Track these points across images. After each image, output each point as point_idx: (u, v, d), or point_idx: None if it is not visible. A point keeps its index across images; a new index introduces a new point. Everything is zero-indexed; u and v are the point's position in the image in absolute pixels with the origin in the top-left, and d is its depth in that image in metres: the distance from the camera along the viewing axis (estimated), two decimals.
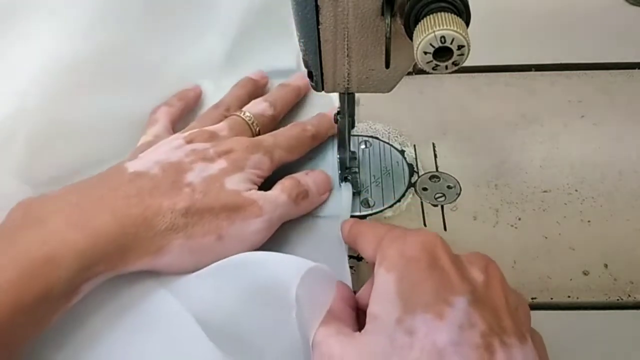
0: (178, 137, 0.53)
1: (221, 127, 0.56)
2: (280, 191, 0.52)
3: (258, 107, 0.60)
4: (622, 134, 0.64)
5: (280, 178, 0.54)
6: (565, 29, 0.78)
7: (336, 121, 0.55)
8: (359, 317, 0.42)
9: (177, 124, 0.63)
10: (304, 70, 0.62)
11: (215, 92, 0.67)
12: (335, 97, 0.62)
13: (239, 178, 0.50)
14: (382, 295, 0.38)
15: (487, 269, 0.40)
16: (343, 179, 0.57)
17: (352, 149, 0.57)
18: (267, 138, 0.55)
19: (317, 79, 0.49)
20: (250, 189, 0.50)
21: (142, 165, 0.50)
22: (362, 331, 0.38)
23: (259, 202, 0.49)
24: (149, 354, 0.44)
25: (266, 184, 0.53)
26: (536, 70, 0.72)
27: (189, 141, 0.53)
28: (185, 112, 0.65)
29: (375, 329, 0.37)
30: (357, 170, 0.58)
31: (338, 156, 0.57)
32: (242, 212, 0.48)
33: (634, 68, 0.71)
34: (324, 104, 0.64)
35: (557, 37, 0.76)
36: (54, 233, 0.42)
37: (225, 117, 0.59)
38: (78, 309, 0.44)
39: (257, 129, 0.58)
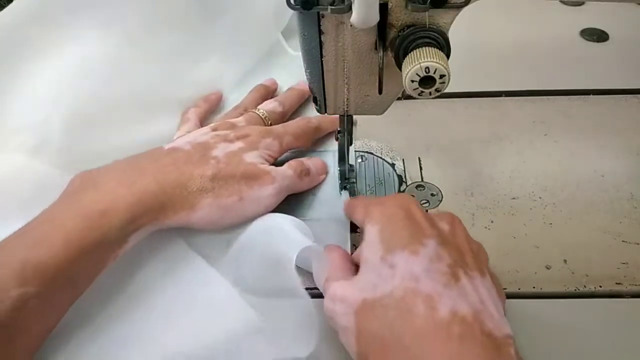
0: (205, 128, 0.57)
1: (240, 120, 0.59)
2: (287, 167, 0.55)
3: (269, 105, 0.64)
4: (579, 150, 0.64)
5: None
6: (531, 60, 0.78)
7: (337, 139, 0.55)
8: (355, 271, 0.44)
9: (204, 121, 0.66)
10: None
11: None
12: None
13: (255, 154, 0.53)
14: (369, 242, 0.42)
15: (452, 222, 0.44)
16: (343, 187, 0.57)
17: (350, 162, 0.57)
18: (277, 127, 0.59)
19: (321, 103, 0.49)
20: (263, 164, 0.53)
21: (176, 144, 0.53)
22: (357, 274, 0.42)
23: (271, 172, 0.52)
24: (192, 308, 0.47)
25: None
26: (506, 95, 0.72)
27: (214, 129, 0.56)
28: (210, 111, 0.68)
29: (365, 268, 0.41)
30: (354, 180, 0.58)
31: (338, 168, 0.57)
32: (258, 179, 0.51)
33: (589, 94, 0.71)
34: None
35: (525, 67, 0.76)
36: (107, 192, 0.46)
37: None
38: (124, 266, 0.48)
39: (269, 123, 0.62)
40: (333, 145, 0.61)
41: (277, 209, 0.53)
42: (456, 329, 0.36)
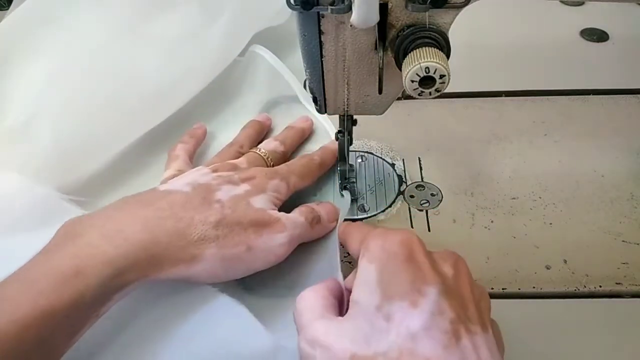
0: (204, 168, 0.51)
1: (241, 161, 0.54)
2: (299, 214, 0.49)
3: (270, 145, 0.59)
4: (578, 150, 0.64)
5: (293, 206, 0.52)
6: (531, 61, 0.78)
7: (337, 139, 0.55)
8: (342, 305, 0.41)
9: (193, 158, 0.61)
10: (306, 116, 0.64)
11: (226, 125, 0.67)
12: (332, 132, 0.62)
13: (263, 198, 0.48)
14: (363, 283, 0.37)
15: (456, 265, 0.39)
16: (343, 187, 0.57)
17: (350, 162, 0.57)
18: (282, 167, 0.54)
19: (321, 103, 0.49)
20: (272, 209, 0.48)
21: (173, 186, 0.47)
22: (345, 315, 0.37)
23: (282, 219, 0.47)
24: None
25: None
26: (506, 95, 0.72)
27: (214, 170, 0.50)
28: (197, 146, 0.62)
29: (357, 313, 0.37)
30: (354, 180, 0.58)
31: (339, 169, 0.57)
32: (268, 227, 0.46)
33: (589, 94, 0.71)
34: (325, 139, 0.63)
35: (524, 67, 0.77)
36: (86, 245, 0.40)
37: (240, 153, 0.58)
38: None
39: (271, 163, 0.57)
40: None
41: None
42: None
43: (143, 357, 0.41)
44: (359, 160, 0.64)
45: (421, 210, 0.58)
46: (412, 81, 0.37)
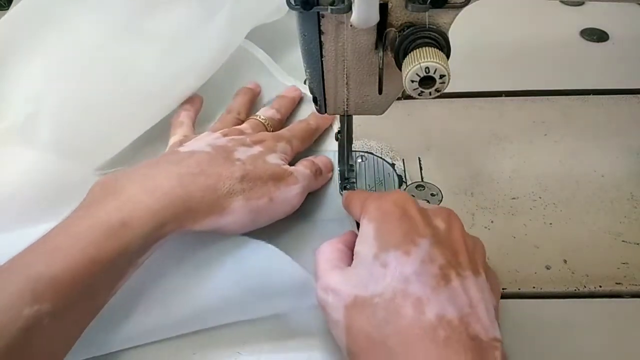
0: (213, 133, 0.55)
1: (245, 127, 0.59)
2: (304, 167, 0.55)
3: (268, 112, 0.63)
4: (578, 150, 0.64)
5: None
6: (531, 61, 0.78)
7: (337, 139, 0.55)
8: None
9: (194, 125, 0.63)
10: (294, 86, 0.68)
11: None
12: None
13: (275, 157, 0.53)
14: (363, 239, 0.42)
15: (449, 219, 0.43)
16: (343, 188, 0.57)
17: (350, 162, 0.57)
18: (284, 131, 0.59)
19: (321, 103, 0.49)
20: (284, 165, 0.53)
21: (194, 147, 0.52)
22: (351, 265, 0.42)
23: (294, 172, 0.52)
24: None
25: None
26: (506, 95, 0.72)
27: (225, 134, 0.55)
28: (197, 114, 0.65)
29: (358, 263, 0.41)
30: (354, 180, 0.58)
31: (338, 168, 0.57)
32: (284, 180, 0.51)
33: (589, 94, 0.71)
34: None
35: (524, 67, 0.76)
36: (128, 199, 0.43)
37: (238, 119, 0.62)
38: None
39: (271, 129, 0.61)
40: (333, 145, 0.61)
41: None
42: (442, 332, 0.36)
43: (186, 301, 0.46)
44: (359, 160, 0.63)
45: None
46: (412, 81, 0.38)
